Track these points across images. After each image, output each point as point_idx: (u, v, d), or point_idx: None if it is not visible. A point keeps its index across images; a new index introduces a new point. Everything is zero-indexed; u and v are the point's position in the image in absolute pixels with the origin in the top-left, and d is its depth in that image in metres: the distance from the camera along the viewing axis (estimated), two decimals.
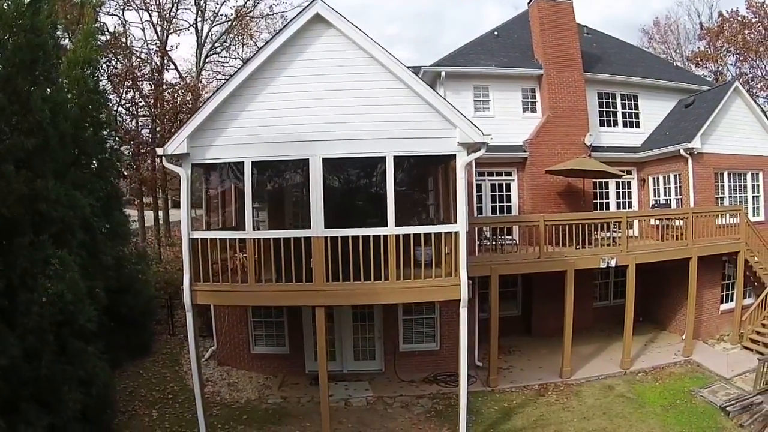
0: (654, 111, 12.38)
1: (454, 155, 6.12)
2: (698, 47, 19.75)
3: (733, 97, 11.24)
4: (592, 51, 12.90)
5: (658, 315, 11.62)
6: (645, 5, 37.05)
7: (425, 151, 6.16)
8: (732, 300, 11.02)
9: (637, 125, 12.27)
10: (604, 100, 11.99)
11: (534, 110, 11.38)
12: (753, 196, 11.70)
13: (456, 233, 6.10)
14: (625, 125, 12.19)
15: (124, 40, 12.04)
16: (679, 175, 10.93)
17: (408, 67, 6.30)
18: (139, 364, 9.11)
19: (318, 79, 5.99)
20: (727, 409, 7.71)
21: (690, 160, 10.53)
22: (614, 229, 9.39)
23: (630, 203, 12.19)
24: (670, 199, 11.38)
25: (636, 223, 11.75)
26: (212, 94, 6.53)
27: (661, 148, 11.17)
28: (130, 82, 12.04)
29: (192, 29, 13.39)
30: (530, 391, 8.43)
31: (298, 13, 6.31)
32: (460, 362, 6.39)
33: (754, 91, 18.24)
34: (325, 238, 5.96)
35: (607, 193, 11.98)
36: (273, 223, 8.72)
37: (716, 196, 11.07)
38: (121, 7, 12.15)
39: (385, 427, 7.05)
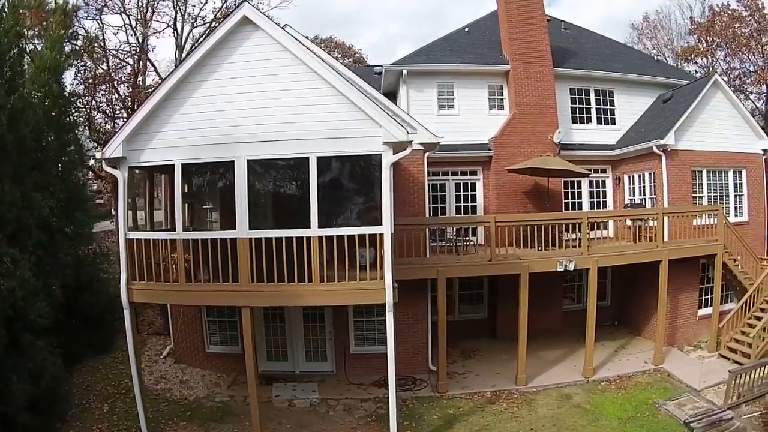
0: (632, 107, 11.54)
1: (380, 155, 5.76)
2: (687, 42, 18.81)
3: (712, 91, 10.32)
4: (568, 46, 12.16)
5: (633, 320, 10.83)
6: (646, 3, 35.56)
7: (350, 151, 5.89)
8: (708, 305, 10.15)
9: (613, 122, 11.43)
10: (577, 96, 11.17)
11: (501, 107, 10.67)
12: (735, 195, 10.78)
13: (381, 235, 5.78)
14: (599, 122, 11.38)
15: (100, 43, 12.05)
16: (654, 173, 10.06)
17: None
18: (100, 360, 8.97)
19: (246, 81, 5.87)
20: (691, 425, 6.91)
21: (663, 158, 9.67)
22: (579, 231, 8.79)
23: (605, 203, 11.46)
24: (644, 199, 10.63)
25: (611, 223, 11.07)
26: (146, 99, 6.52)
27: (634, 146, 10.31)
28: (107, 85, 12.03)
29: (171, 31, 13.33)
30: (481, 398, 7.83)
31: (227, 16, 6.21)
32: (388, 368, 6.01)
33: (745, 86, 17.17)
34: (250, 239, 5.81)
35: (579, 193, 11.28)
36: (224, 224, 8.57)
37: (693, 195, 10.21)
38: (99, 11, 12.18)
39: (323, 430, 6.76)
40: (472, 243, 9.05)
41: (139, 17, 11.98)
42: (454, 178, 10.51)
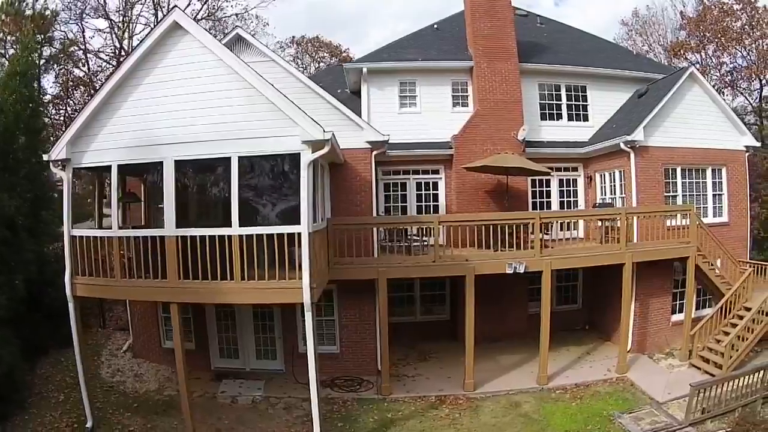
0: (607, 103, 10.72)
1: (299, 154, 5.64)
2: (677, 37, 17.62)
3: (687, 85, 9.47)
4: (541, 41, 11.49)
5: (604, 324, 10.11)
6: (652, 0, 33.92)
7: (270, 151, 5.80)
8: (682, 311, 9.47)
9: (585, 118, 10.66)
10: (546, 92, 10.47)
11: (465, 104, 10.05)
12: (714, 195, 9.90)
13: (299, 234, 5.60)
14: (570, 118, 10.65)
15: (80, 46, 12.19)
16: (623, 171, 9.34)
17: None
18: (64, 353, 8.90)
19: (176, 84, 5.90)
20: None
21: (632, 155, 8.88)
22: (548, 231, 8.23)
23: (576, 202, 10.79)
24: (615, 198, 9.94)
25: (581, 223, 10.42)
26: (87, 103, 6.53)
27: (603, 143, 9.56)
28: (87, 87, 12.15)
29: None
30: (424, 403, 7.37)
31: (159, 21, 6.39)
32: (309, 368, 5.75)
33: (736, 81, 15.94)
34: (177, 237, 5.79)
35: (549, 192, 10.69)
36: (160, 222, 8.53)
37: (667, 194, 9.40)
38: (79, 15, 12.31)
39: (259, 427, 6.65)
40: (425, 243, 8.64)
41: (118, 21, 12.11)
42: (416, 177, 9.99)
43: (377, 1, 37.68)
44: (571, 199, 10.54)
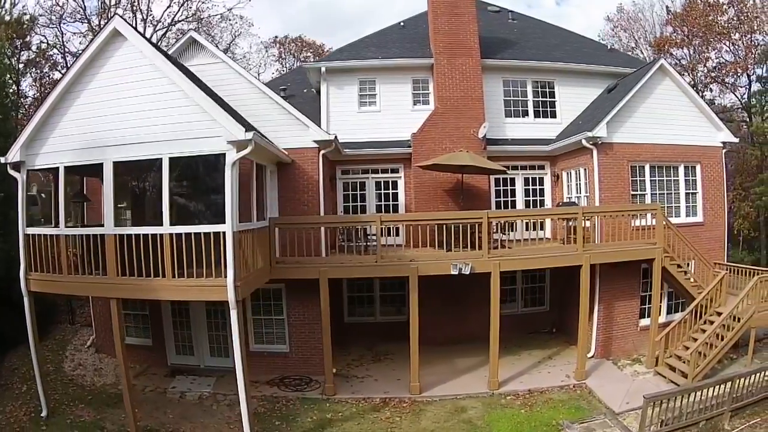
0: (577, 99, 10.05)
1: (224, 154, 5.58)
2: (660, 33, 16.58)
3: (657, 78, 8.77)
4: (509, 37, 10.99)
5: (571, 327, 9.54)
6: None
7: (199, 151, 5.73)
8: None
9: (553, 115, 10.06)
10: (512, 88, 9.92)
11: (426, 102, 9.58)
12: (688, 193, 9.18)
13: (223, 233, 5.52)
14: (537, 115, 10.08)
15: (59, 51, 12.40)
16: (587, 169, 8.81)
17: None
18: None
19: (116, 89, 5.97)
20: None
21: (594, 152, 8.27)
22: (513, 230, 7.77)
23: (543, 201, 10.25)
24: (580, 197, 9.39)
25: (548, 223, 9.90)
26: (38, 108, 6.72)
27: (565, 140, 8.97)
28: None
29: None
30: (367, 405, 7.03)
31: (102, 28, 6.37)
32: (236, 367, 5.64)
33: (723, 77, 14.83)
34: (115, 235, 5.86)
35: (514, 191, 10.22)
36: (134, 220, 8.62)
37: (634, 193, 8.70)
38: (59, 20, 12.54)
39: (201, 422, 6.58)
40: (386, 244, 8.33)
41: (96, 24, 12.19)
42: (375, 176, 9.57)
43: (379, 1, 37.46)
44: (538, 198, 10.01)
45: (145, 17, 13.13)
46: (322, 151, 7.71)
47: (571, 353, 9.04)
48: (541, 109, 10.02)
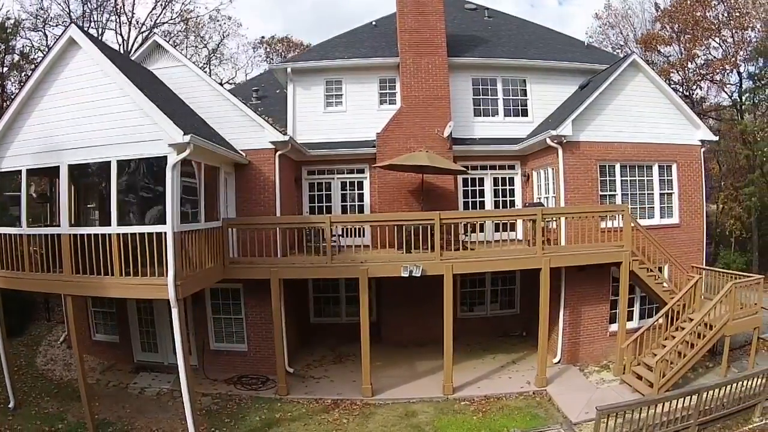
0: (550, 97, 9.52)
1: (166, 156, 5.63)
2: (647, 30, 15.72)
3: (629, 74, 8.22)
4: (483, 35, 10.60)
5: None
6: None
7: (145, 154, 5.78)
8: (629, 319, 7.96)
9: (524, 113, 9.58)
10: (481, 86, 9.50)
11: (393, 102, 9.22)
12: (662, 194, 8.62)
13: (164, 234, 5.58)
14: (507, 114, 9.64)
15: (44, 54, 12.52)
16: (554, 169, 8.47)
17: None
18: (8, 343, 9.72)
19: (72, 94, 6.08)
20: None
21: (560, 151, 7.86)
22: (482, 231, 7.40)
23: (513, 202, 9.86)
24: (548, 198, 8.97)
25: (520, 224, 9.52)
26: (2, 113, 6.89)
27: (531, 139, 8.56)
28: None
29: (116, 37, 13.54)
30: (318, 406, 6.83)
31: (59, 36, 6.47)
32: (179, 363, 5.67)
33: (710, 74, 13.93)
34: (69, 235, 5.99)
35: (482, 191, 9.85)
36: (100, 220, 8.78)
37: (603, 193, 8.17)
38: (43, 24, 12.83)
39: (155, 417, 6.59)
40: (353, 245, 8.18)
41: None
42: (340, 177, 9.28)
43: (382, 1, 37.24)
44: (508, 198, 9.61)
45: (129, 19, 13.36)
46: (279, 152, 7.57)
47: (536, 358, 8.67)
48: (512, 107, 9.61)
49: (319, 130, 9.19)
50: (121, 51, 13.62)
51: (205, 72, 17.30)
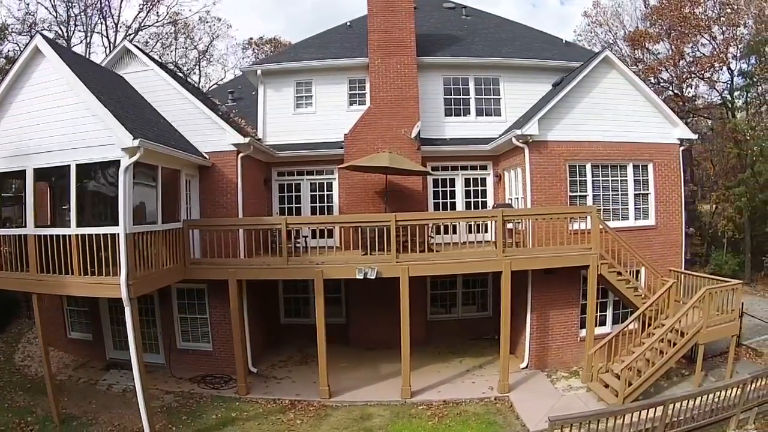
0: (527, 95, 9.07)
1: (119, 160, 5.71)
2: (636, 27, 15.00)
3: (601, 71, 7.82)
4: (458, 33, 10.30)
5: (513, 335, 8.93)
6: None
7: (98, 158, 5.88)
8: (601, 324, 7.82)
9: (497, 113, 9.29)
10: (453, 86, 9.20)
11: (363, 102, 8.99)
12: (637, 194, 8.28)
13: (116, 235, 5.68)
14: (480, 113, 9.33)
15: None
16: (522, 169, 8.17)
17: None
18: None
19: (38, 101, 6.23)
20: None
21: (527, 151, 7.61)
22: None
23: (485, 203, 9.58)
24: (518, 198, 8.69)
25: (492, 225, 9.28)
26: None
27: (499, 139, 8.38)
28: None
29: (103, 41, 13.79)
30: (275, 406, 6.76)
31: (26, 45, 6.66)
32: (132, 360, 5.80)
33: (701, 72, 13.17)
34: (35, 236, 6.14)
35: (453, 192, 9.62)
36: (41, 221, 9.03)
37: (573, 194, 7.79)
38: (29, 28, 13.23)
39: (118, 413, 6.69)
40: (325, 246, 8.14)
41: (63, 32, 12.74)
42: (310, 178, 9.13)
43: None
44: (480, 199, 9.34)
45: (116, 22, 13.65)
46: (241, 154, 7.59)
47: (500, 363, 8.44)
48: (484, 107, 9.32)
49: (289, 132, 9.14)
50: (108, 54, 13.96)
51: (194, 73, 17.48)
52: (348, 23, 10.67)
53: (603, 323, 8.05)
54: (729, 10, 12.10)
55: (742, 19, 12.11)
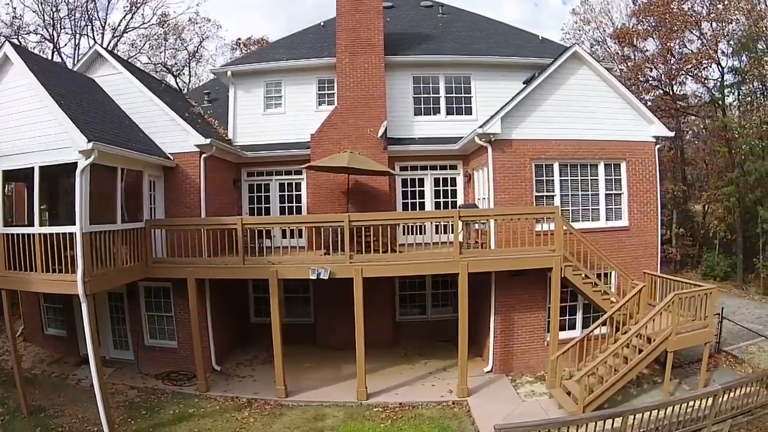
0: (500, 93, 8.70)
1: (77, 162, 5.83)
2: (623, 24, 14.34)
3: (570, 67, 7.46)
4: (431, 32, 10.00)
5: (482, 337, 8.77)
6: None
7: (59, 161, 5.99)
8: (571, 328, 7.57)
9: (468, 111, 9.06)
10: (422, 85, 8.98)
11: (332, 102, 8.82)
12: (609, 194, 7.93)
13: (72, 234, 5.83)
14: (450, 112, 9.11)
15: None
16: (487, 168, 8.04)
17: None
18: None
19: (8, 105, 6.41)
20: None
21: (490, 150, 7.42)
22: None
23: (455, 203, 9.34)
24: (485, 199, 8.50)
25: (460, 225, 9.08)
26: None
27: (466, 138, 8.19)
28: None
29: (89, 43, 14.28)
30: (232, 404, 6.75)
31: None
32: (89, 355, 5.91)
33: (689, 68, 12.45)
34: (3, 234, 6.35)
35: (422, 192, 9.46)
36: (50, 220, 9.29)
37: (540, 194, 7.48)
38: (17, 31, 13.70)
39: (84, 406, 6.81)
40: (293, 245, 8.17)
41: (50, 35, 13.12)
42: (278, 178, 9.02)
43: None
44: (450, 199, 9.12)
45: (103, 25, 14.02)
46: (204, 155, 7.66)
47: (473, 366, 7.91)
48: (455, 105, 9.08)
49: (259, 132, 9.15)
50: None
51: (184, 74, 17.73)
52: (322, 23, 10.61)
53: (573, 327, 7.77)
54: (720, 7, 11.52)
55: (733, 15, 11.51)
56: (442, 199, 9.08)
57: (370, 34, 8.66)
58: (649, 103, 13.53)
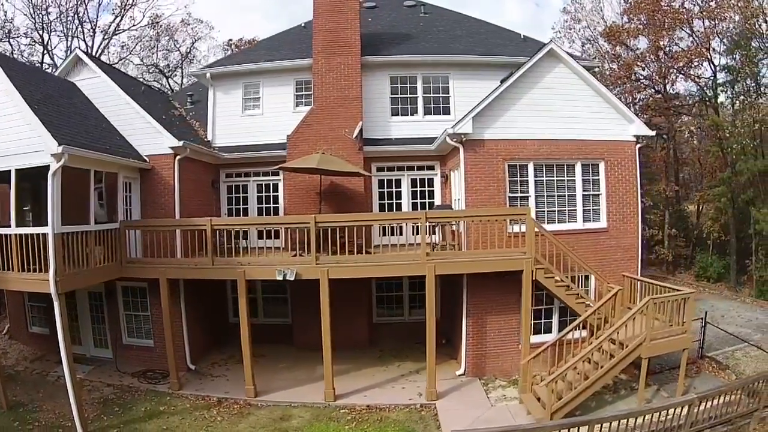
0: (478, 93, 8.37)
1: (49, 165, 5.93)
2: (612, 22, 13.85)
3: (546, 65, 7.27)
4: (411, 31, 9.78)
5: (455, 339, 8.69)
6: None
7: (33, 163, 6.09)
8: (547, 331, 7.40)
9: (446, 111, 8.89)
10: (400, 85, 8.87)
11: (309, 104, 8.71)
12: (587, 195, 7.72)
13: (45, 235, 5.97)
14: (428, 112, 8.94)
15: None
16: (460, 169, 7.94)
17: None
18: None
19: None
20: None
21: (461, 150, 7.27)
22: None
23: (433, 203, 9.23)
24: (458, 200, 8.38)
25: (413, 226, 8.93)
26: None
27: (439, 138, 8.13)
28: None
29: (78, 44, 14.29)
30: (203, 403, 6.80)
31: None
32: (61, 352, 6.05)
33: (681, 66, 11.96)
34: None
35: (399, 193, 9.37)
36: (33, 221, 9.55)
37: (514, 195, 7.32)
38: (7, 34, 13.83)
39: (61, 402, 6.88)
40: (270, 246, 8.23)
41: (40, 38, 13.38)
42: (256, 179, 8.99)
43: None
44: (427, 200, 8.99)
45: (93, 27, 14.28)
46: (178, 157, 7.73)
47: (446, 369, 7.90)
48: (432, 105, 8.93)
49: (237, 134, 9.16)
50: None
51: (177, 74, 17.89)
52: (302, 24, 10.60)
53: (549, 330, 7.62)
54: (713, 4, 11.11)
55: (726, 13, 11.08)
56: (419, 200, 8.97)
57: (347, 35, 8.61)
58: (641, 103, 13.19)
